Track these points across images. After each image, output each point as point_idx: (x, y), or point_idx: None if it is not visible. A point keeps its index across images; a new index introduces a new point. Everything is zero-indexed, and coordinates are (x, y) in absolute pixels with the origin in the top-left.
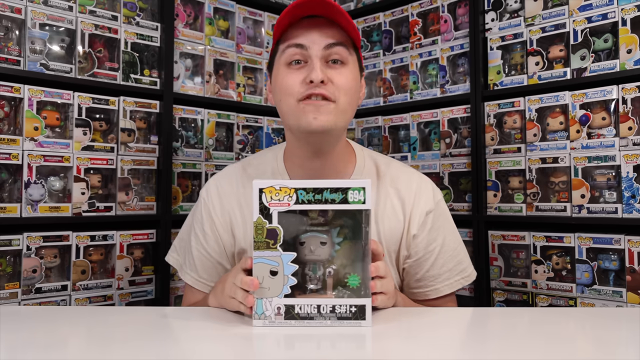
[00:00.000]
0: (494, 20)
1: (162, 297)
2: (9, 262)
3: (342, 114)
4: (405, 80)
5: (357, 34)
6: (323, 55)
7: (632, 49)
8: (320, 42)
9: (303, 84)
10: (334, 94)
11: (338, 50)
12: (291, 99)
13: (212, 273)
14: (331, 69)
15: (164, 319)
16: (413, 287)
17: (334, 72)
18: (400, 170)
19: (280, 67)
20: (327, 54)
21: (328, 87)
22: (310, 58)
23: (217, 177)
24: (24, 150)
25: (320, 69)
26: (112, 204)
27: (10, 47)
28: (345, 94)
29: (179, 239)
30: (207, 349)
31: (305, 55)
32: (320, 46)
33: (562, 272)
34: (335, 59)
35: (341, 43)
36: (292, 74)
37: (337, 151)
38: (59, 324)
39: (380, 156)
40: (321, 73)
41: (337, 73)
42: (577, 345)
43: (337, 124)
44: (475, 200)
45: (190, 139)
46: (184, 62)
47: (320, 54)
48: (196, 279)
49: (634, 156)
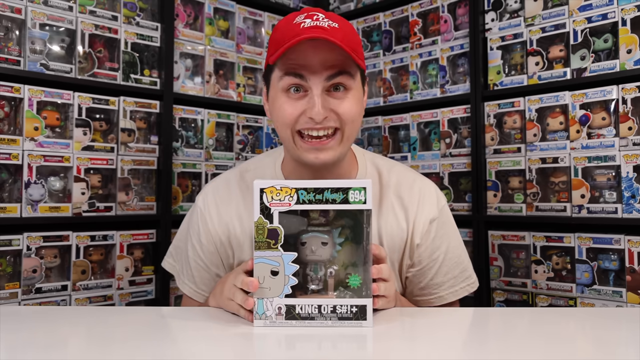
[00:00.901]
0: (494, 20)
1: (162, 297)
2: (9, 262)
3: (346, 142)
4: (405, 81)
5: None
6: (324, 86)
7: (632, 49)
8: (321, 73)
9: (303, 116)
10: (339, 123)
11: (341, 79)
12: (288, 130)
13: (210, 285)
14: (333, 98)
15: (163, 319)
16: (417, 294)
17: (336, 102)
18: (403, 175)
19: (277, 91)
20: (328, 85)
21: (330, 119)
22: (310, 89)
23: (215, 184)
24: (24, 150)
25: (321, 104)
26: (112, 204)
27: (10, 47)
28: (350, 122)
29: (175, 246)
30: (207, 349)
31: (305, 85)
32: (322, 78)
33: (562, 272)
34: (337, 87)
35: (344, 71)
36: (291, 103)
37: (339, 166)
38: (59, 324)
39: (382, 160)
40: (322, 110)
41: (339, 103)
42: (577, 345)
43: (342, 154)
44: (475, 200)
45: (190, 139)
46: (184, 62)
47: (321, 86)
48: (194, 290)
49: (634, 156)
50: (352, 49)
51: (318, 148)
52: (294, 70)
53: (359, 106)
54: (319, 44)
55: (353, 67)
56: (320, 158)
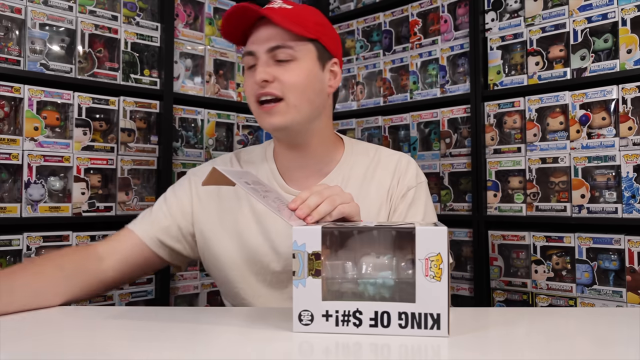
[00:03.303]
0: (494, 20)
1: (162, 297)
2: (9, 262)
3: (294, 109)
4: (405, 80)
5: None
6: (268, 57)
7: (632, 49)
8: (263, 45)
9: (255, 85)
10: (282, 91)
11: (283, 51)
12: (252, 101)
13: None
14: (278, 67)
15: (163, 319)
16: None
17: (280, 70)
18: (390, 151)
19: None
20: (272, 55)
21: (274, 85)
22: (257, 61)
23: (211, 160)
24: (24, 150)
25: (263, 69)
26: (112, 204)
27: (10, 47)
28: (294, 90)
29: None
30: (207, 350)
31: (255, 60)
32: (264, 49)
33: (562, 272)
34: (281, 59)
35: (284, 44)
36: (248, 78)
37: (314, 144)
38: (59, 324)
39: (370, 145)
40: (263, 73)
41: (283, 70)
42: (577, 345)
43: (292, 120)
44: (475, 200)
45: (190, 139)
46: (184, 62)
47: (264, 57)
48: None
49: (634, 156)
50: (296, 23)
51: (269, 112)
52: (248, 49)
53: (307, 76)
54: (264, 22)
55: (297, 39)
56: (271, 122)
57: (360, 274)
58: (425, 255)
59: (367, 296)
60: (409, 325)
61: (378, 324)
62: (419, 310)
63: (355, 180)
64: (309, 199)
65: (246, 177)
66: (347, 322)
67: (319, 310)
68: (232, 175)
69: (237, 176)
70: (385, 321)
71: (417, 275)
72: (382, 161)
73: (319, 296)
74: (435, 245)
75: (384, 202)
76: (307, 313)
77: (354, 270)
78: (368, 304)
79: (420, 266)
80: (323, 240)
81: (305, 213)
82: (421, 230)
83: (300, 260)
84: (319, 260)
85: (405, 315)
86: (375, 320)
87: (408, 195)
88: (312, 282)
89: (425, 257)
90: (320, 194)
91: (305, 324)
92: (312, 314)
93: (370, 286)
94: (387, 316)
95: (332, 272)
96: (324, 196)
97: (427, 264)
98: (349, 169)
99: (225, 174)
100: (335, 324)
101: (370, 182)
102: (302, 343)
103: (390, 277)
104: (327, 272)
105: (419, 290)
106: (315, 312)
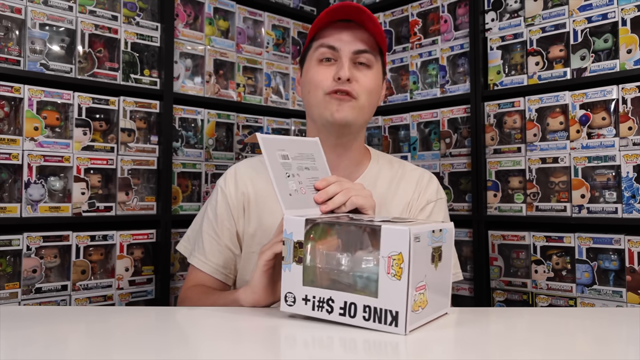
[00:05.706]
0: (494, 20)
1: (162, 297)
2: (9, 262)
3: (361, 110)
4: (405, 80)
5: (384, 42)
6: (351, 57)
7: (632, 49)
8: (351, 46)
9: (331, 79)
10: (357, 91)
11: (365, 56)
12: (319, 91)
13: (219, 257)
14: (357, 70)
15: (164, 319)
16: None
17: (359, 74)
18: (413, 166)
19: (312, 62)
20: (355, 58)
21: (353, 85)
22: (340, 58)
23: (236, 164)
24: (24, 150)
25: (348, 68)
26: (112, 204)
27: (10, 47)
28: (367, 93)
29: (192, 229)
30: (207, 350)
31: (335, 55)
32: (351, 50)
33: (562, 272)
34: (362, 62)
35: (369, 50)
36: (323, 70)
37: (354, 147)
38: (59, 324)
39: (394, 157)
40: (348, 72)
41: (362, 74)
42: (577, 345)
43: (356, 118)
44: (475, 200)
45: (190, 139)
46: (184, 62)
47: (349, 57)
48: (203, 262)
49: (634, 156)
50: (382, 35)
51: (340, 102)
52: (330, 43)
53: (377, 85)
54: (354, 23)
55: (376, 49)
56: (341, 112)
57: (338, 265)
58: (388, 253)
59: (340, 286)
60: (371, 318)
61: (346, 314)
62: (380, 306)
63: (380, 189)
64: (330, 187)
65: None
66: (322, 308)
67: (300, 294)
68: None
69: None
70: (352, 311)
71: (379, 272)
72: (406, 175)
73: (300, 281)
74: (397, 244)
75: (403, 213)
76: (291, 295)
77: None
78: (340, 294)
79: (383, 263)
80: (309, 231)
81: (322, 199)
82: (386, 229)
83: (288, 247)
84: (302, 248)
85: (369, 309)
86: (344, 310)
87: (427, 208)
88: (295, 268)
89: (388, 255)
90: (340, 184)
91: (289, 304)
92: (294, 297)
93: (344, 276)
94: (354, 307)
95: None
96: (342, 187)
97: (390, 262)
98: (374, 178)
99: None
100: (312, 308)
101: (394, 194)
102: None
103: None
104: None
105: (381, 286)
106: (297, 295)
